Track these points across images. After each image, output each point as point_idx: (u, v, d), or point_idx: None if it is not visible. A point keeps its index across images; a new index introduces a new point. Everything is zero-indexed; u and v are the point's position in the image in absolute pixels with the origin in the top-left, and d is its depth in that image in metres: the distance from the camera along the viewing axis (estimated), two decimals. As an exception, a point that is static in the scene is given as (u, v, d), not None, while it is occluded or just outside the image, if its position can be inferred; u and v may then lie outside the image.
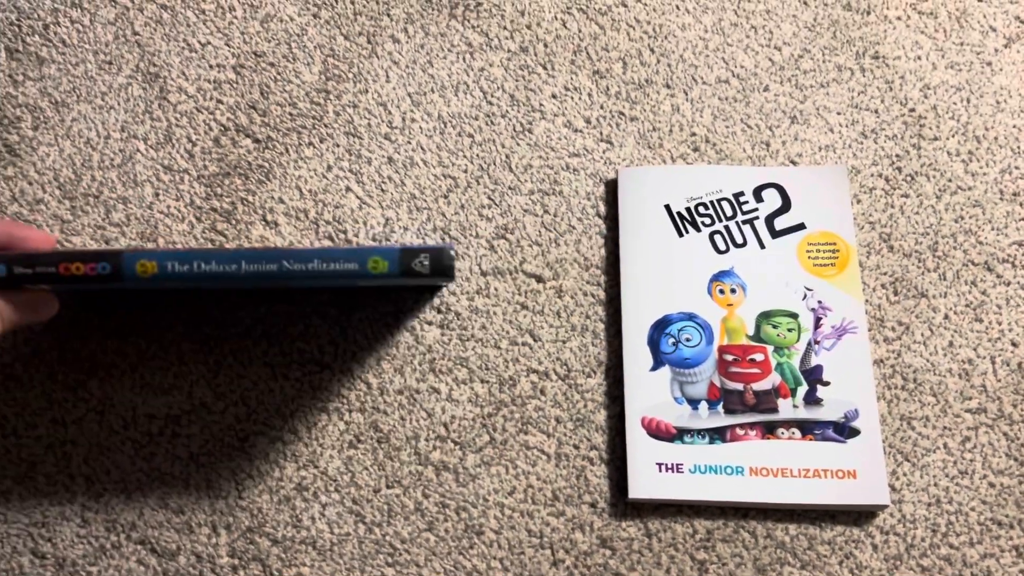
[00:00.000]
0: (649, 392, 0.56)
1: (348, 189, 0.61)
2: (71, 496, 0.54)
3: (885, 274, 0.60)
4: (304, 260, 0.42)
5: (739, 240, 0.60)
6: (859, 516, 0.55)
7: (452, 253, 0.43)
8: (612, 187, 0.62)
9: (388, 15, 0.66)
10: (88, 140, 0.62)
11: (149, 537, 0.54)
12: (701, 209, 0.60)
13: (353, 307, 0.59)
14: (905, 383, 0.58)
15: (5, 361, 0.57)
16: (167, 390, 0.56)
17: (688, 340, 0.57)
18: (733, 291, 0.58)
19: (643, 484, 0.54)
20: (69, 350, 0.57)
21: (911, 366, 0.58)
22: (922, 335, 0.59)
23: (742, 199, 0.61)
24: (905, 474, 0.56)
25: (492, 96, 0.65)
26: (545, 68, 0.65)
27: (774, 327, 0.58)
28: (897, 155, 0.64)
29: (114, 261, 0.42)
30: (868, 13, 0.67)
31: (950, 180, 0.63)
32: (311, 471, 0.55)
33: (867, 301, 0.59)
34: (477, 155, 0.63)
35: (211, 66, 0.64)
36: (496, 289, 0.60)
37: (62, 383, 0.57)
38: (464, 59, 0.65)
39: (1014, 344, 0.59)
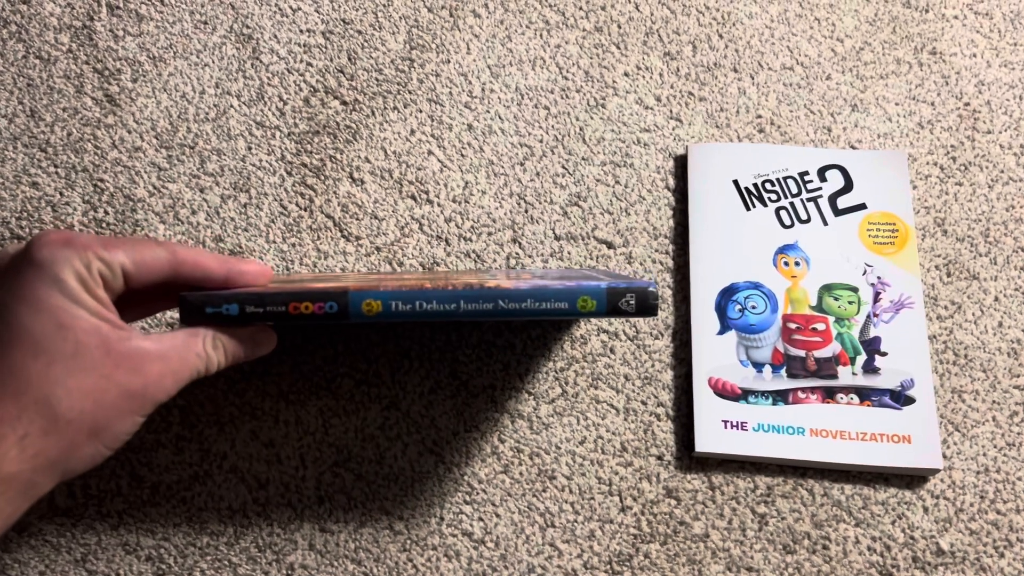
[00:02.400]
0: (716, 354, 0.59)
1: (430, 152, 0.64)
2: (167, 426, 0.57)
3: (939, 256, 0.63)
4: (518, 300, 0.43)
5: (803, 216, 0.63)
6: (911, 480, 0.58)
7: (655, 291, 0.43)
8: (681, 162, 0.65)
9: (470, -9, 0.69)
10: (184, 94, 0.65)
11: (240, 467, 0.57)
12: (768, 185, 0.63)
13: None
14: (957, 359, 0.61)
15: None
16: (258, 331, 0.59)
17: (754, 308, 0.60)
18: (797, 264, 0.61)
19: (709, 439, 0.57)
20: (164, 290, 0.60)
21: (963, 343, 0.61)
22: (973, 315, 0.62)
23: (807, 178, 0.64)
24: (956, 443, 0.59)
25: (567, 72, 0.68)
26: (618, 47, 0.68)
27: (835, 299, 0.61)
28: (952, 145, 0.67)
29: (341, 300, 0.43)
30: (927, 11, 0.70)
31: (1002, 171, 0.66)
32: (393, 413, 0.58)
33: (922, 280, 0.62)
34: (552, 126, 0.66)
35: (301, 30, 0.67)
36: (569, 253, 0.62)
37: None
38: (541, 35, 0.68)
39: (1061, 327, 0.62)
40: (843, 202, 0.63)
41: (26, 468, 0.37)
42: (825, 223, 0.63)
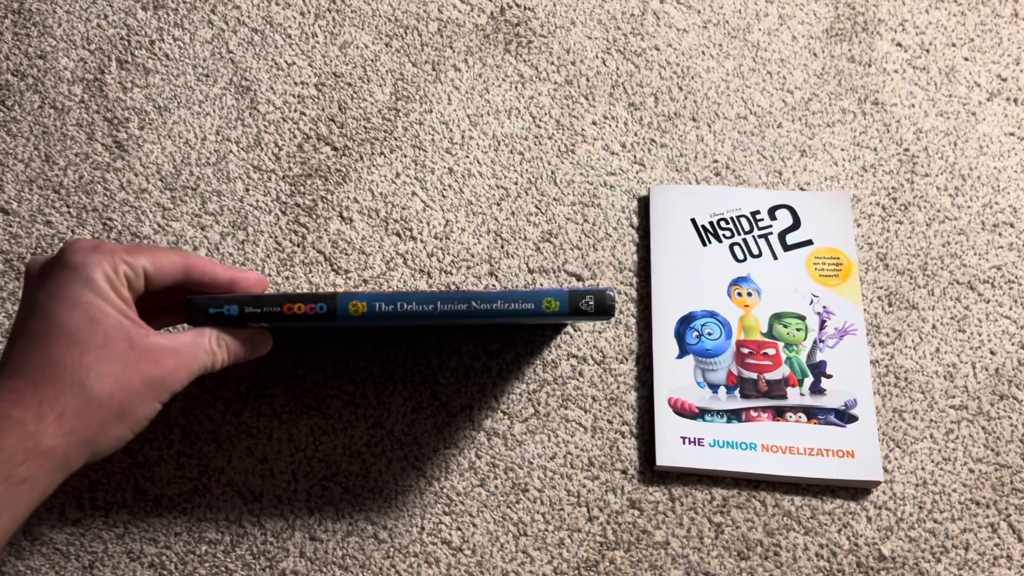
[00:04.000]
0: (675, 376, 0.64)
1: (414, 194, 0.70)
2: (169, 443, 0.62)
3: (881, 288, 0.69)
4: (489, 301, 0.48)
5: (755, 251, 0.68)
6: (856, 491, 0.63)
7: (612, 295, 0.49)
8: (644, 202, 0.71)
9: (451, 47, 0.75)
10: (187, 140, 0.71)
11: (236, 481, 0.61)
12: (722, 223, 0.69)
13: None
14: (897, 381, 0.66)
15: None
16: (254, 356, 0.64)
17: (710, 334, 0.66)
18: (749, 294, 0.67)
19: (669, 454, 0.62)
20: (167, 319, 0.65)
21: (903, 367, 0.67)
22: (912, 341, 0.68)
23: (758, 216, 0.70)
24: (896, 458, 0.64)
25: (540, 121, 0.74)
26: (587, 99, 0.75)
27: (785, 326, 0.66)
28: (893, 187, 0.73)
29: (330, 302, 0.47)
30: (869, 65, 0.77)
31: (938, 211, 0.72)
32: (379, 431, 0.63)
33: (865, 310, 0.68)
34: (526, 170, 0.72)
35: (296, 83, 0.73)
36: (541, 284, 0.68)
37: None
38: (516, 88, 0.74)
39: (992, 352, 0.67)
40: (791, 238, 0.69)
41: (62, 443, 0.41)
42: (775, 257, 0.68)
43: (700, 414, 0.63)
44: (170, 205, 0.68)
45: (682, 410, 0.63)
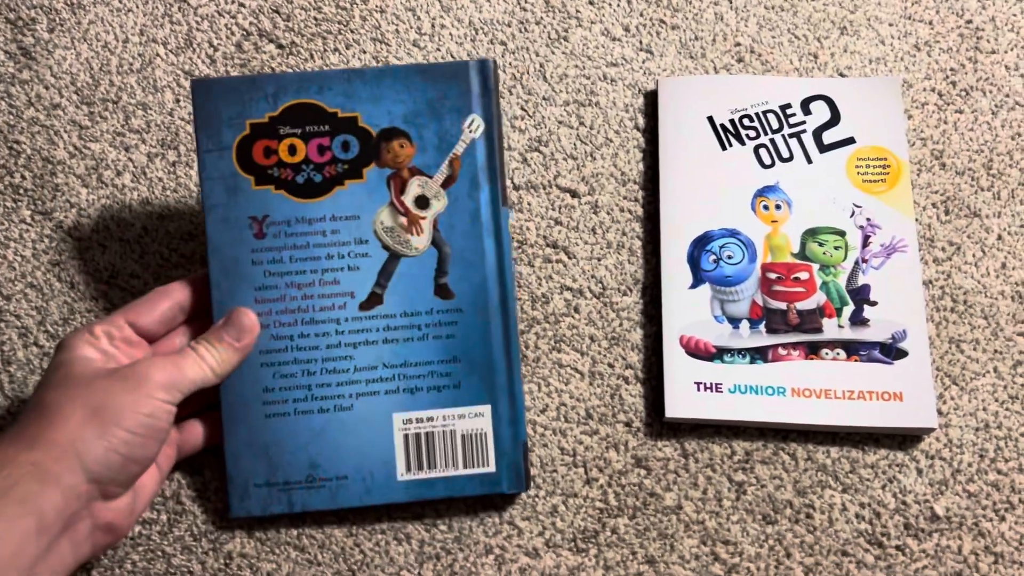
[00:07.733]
0: (688, 310, 0.54)
1: (375, 98, 0.59)
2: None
3: (936, 192, 0.58)
4: None
5: (785, 154, 0.57)
6: (904, 440, 0.53)
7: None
8: (651, 99, 0.60)
9: (417, -85, 0.63)
10: (106, 44, 0.60)
11: (173, 449, 0.53)
12: (746, 121, 0.58)
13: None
14: (955, 305, 0.56)
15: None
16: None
17: (730, 257, 0.55)
18: (778, 207, 0.56)
19: (680, 403, 0.52)
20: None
21: (961, 287, 0.56)
22: (973, 256, 0.57)
23: (789, 111, 0.58)
24: (952, 398, 0.54)
25: (526, 1, 0.62)
26: (582, -27, 0.62)
27: (820, 245, 0.55)
28: (952, 69, 0.61)
29: None
30: (924, -83, 0.63)
31: (1007, 95, 0.60)
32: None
33: (917, 220, 0.57)
34: (509, 64, 0.60)
35: (232, -33, 0.61)
36: (529, 204, 0.57)
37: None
38: (497, -37, 0.62)
39: (1070, 266, 0.56)
40: (829, 137, 0.58)
41: None
42: (809, 161, 0.57)
43: (718, 354, 0.53)
44: (87, 123, 0.58)
45: (696, 350, 0.53)
